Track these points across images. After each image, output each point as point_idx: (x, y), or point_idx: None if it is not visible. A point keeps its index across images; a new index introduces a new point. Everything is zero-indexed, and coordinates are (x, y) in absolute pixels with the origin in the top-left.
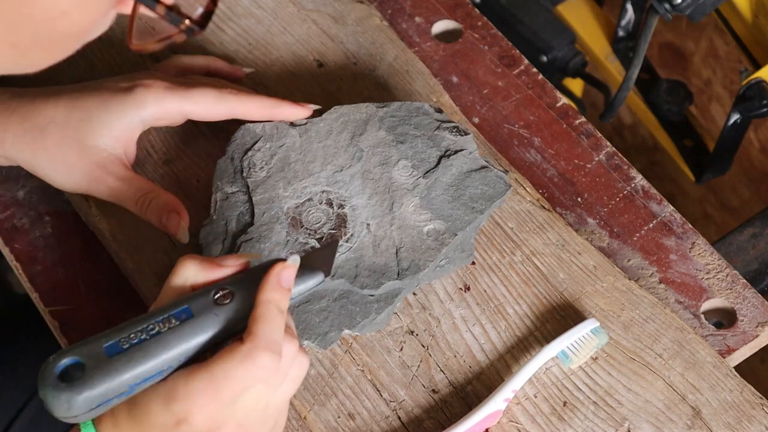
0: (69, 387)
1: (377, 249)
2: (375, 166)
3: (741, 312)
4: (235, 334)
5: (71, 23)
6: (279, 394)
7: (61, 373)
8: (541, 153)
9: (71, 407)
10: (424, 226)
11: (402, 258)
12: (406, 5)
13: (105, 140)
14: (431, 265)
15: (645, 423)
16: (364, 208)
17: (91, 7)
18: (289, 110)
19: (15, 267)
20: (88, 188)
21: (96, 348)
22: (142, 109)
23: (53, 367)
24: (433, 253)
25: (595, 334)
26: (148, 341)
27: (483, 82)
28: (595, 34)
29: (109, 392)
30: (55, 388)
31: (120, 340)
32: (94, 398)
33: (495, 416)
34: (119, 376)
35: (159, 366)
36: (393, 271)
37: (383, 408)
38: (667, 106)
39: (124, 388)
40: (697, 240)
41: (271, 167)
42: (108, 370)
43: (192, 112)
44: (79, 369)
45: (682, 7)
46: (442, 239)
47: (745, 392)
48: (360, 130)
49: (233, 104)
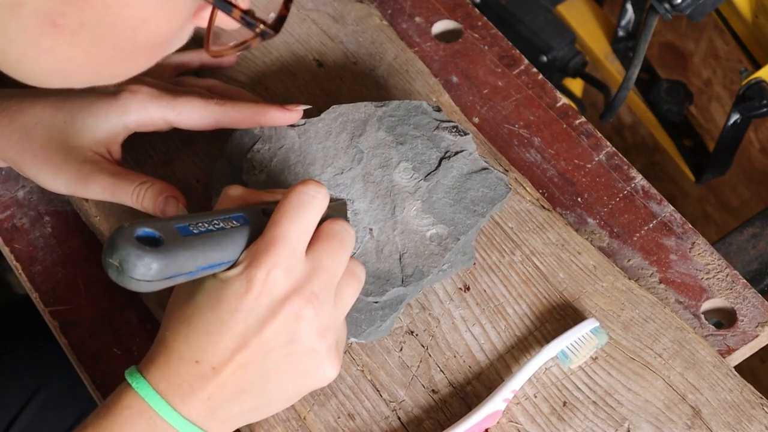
0: (153, 250)
1: (380, 255)
2: (375, 168)
3: (741, 312)
4: None
5: (152, 33)
6: (332, 251)
7: (138, 239)
8: (541, 153)
9: (151, 269)
10: (426, 230)
11: (406, 264)
12: (406, 5)
13: (89, 142)
14: (435, 270)
15: (645, 423)
16: (366, 212)
17: (170, 15)
18: (276, 116)
19: (15, 267)
20: (77, 189)
21: (169, 226)
22: (125, 115)
23: (131, 231)
24: (436, 258)
25: (594, 334)
26: (215, 232)
27: (483, 82)
28: (595, 34)
29: (183, 266)
30: (138, 248)
31: (189, 225)
32: (171, 267)
33: (495, 416)
34: (193, 254)
35: (224, 255)
36: (397, 277)
37: (383, 408)
38: (667, 106)
39: (193, 267)
40: (697, 240)
41: (270, 170)
42: (186, 246)
43: (176, 122)
44: (153, 240)
45: (682, 7)
46: (445, 244)
47: (745, 392)
48: (359, 130)
49: (218, 116)
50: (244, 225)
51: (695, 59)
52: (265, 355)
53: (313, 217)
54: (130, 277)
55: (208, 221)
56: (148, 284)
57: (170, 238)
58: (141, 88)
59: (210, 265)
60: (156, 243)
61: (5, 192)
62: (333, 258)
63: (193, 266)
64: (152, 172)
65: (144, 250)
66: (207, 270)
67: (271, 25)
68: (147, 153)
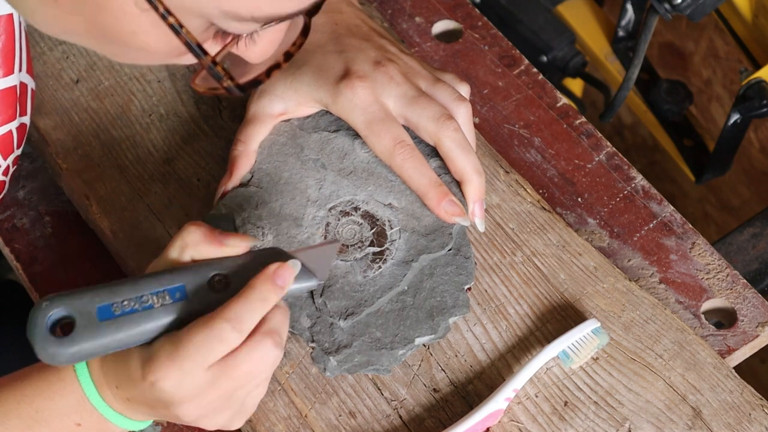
0: (58, 341)
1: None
2: (339, 160)
3: (741, 312)
4: None
5: (142, 44)
6: (240, 376)
7: (51, 324)
8: (542, 153)
9: (55, 358)
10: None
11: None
12: (406, 5)
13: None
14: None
15: (646, 423)
16: (371, 196)
17: (158, 38)
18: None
19: (15, 267)
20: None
21: (89, 307)
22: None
23: (44, 316)
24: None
25: (595, 334)
26: (139, 313)
27: (483, 82)
28: (595, 34)
29: (93, 352)
30: (44, 339)
31: (113, 305)
32: (78, 355)
33: (496, 415)
34: (106, 341)
35: (144, 338)
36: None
37: (384, 407)
38: (667, 106)
39: (108, 350)
40: (697, 240)
41: (270, 229)
42: (97, 334)
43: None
44: (69, 323)
45: (682, 7)
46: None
47: (745, 393)
48: (296, 148)
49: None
50: (176, 302)
51: (695, 59)
52: (162, 416)
53: (218, 353)
54: (39, 356)
55: (137, 297)
56: (61, 364)
57: (84, 324)
58: (357, 94)
59: (126, 345)
60: (71, 326)
61: (5, 192)
62: (234, 383)
63: (102, 351)
64: (153, 170)
65: (49, 342)
66: (123, 348)
67: (238, 83)
68: (148, 151)
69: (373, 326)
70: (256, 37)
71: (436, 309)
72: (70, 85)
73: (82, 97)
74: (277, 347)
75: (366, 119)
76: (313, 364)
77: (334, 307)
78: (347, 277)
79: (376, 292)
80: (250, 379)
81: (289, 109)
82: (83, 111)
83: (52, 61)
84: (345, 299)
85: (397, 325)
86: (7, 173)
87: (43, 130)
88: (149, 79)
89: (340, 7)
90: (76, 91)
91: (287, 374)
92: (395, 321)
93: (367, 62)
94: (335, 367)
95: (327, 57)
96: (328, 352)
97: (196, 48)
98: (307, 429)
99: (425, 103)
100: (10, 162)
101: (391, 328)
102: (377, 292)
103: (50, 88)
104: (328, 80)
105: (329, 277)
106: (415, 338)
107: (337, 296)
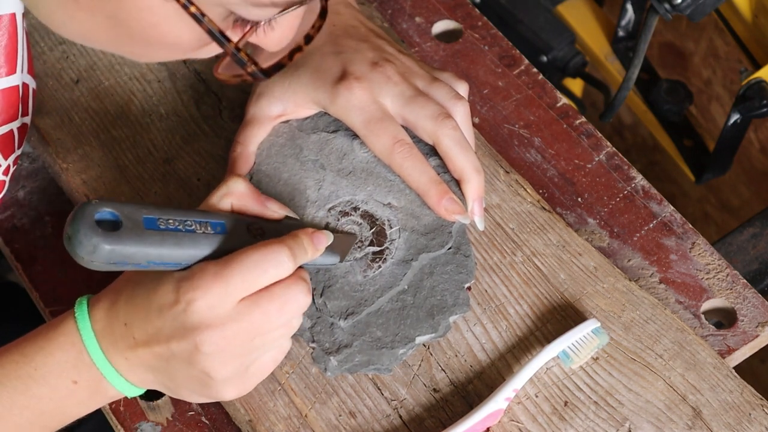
0: (103, 235)
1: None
2: (339, 161)
3: (741, 312)
4: None
5: (164, 36)
6: (270, 310)
7: (98, 219)
8: (542, 153)
9: (95, 252)
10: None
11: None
12: (406, 5)
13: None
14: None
15: (646, 423)
16: (371, 196)
17: (180, 28)
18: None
19: (15, 267)
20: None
21: (136, 214)
22: (328, 104)
23: (93, 210)
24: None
25: (595, 334)
26: (182, 233)
27: (483, 82)
28: (595, 34)
29: (132, 257)
30: (90, 229)
31: (159, 219)
32: (118, 255)
33: (496, 415)
34: (147, 249)
35: (181, 258)
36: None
37: (384, 407)
38: (667, 106)
39: (143, 260)
40: (697, 240)
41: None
42: (141, 239)
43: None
44: (114, 224)
45: (682, 7)
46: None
47: (745, 393)
48: (295, 149)
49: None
50: (217, 234)
51: (695, 59)
52: (168, 359)
53: (264, 279)
54: (75, 251)
55: (181, 220)
56: (92, 264)
57: (130, 227)
58: (354, 95)
59: (162, 263)
60: (115, 227)
61: (5, 192)
62: (263, 317)
63: (143, 260)
64: (153, 170)
65: (95, 232)
66: (159, 266)
67: (262, 68)
68: (148, 150)
69: (374, 326)
70: (274, 23)
71: (437, 308)
72: (70, 85)
73: (82, 97)
74: (308, 295)
75: (364, 119)
76: (313, 364)
77: (334, 307)
78: (347, 276)
79: (376, 291)
80: (276, 320)
81: (287, 110)
82: (83, 111)
83: (52, 61)
84: (345, 299)
85: (397, 324)
86: (8, 173)
87: (43, 130)
88: (149, 79)
89: (337, 8)
90: (76, 91)
91: (287, 374)
92: (395, 320)
93: (365, 63)
94: (336, 367)
95: (324, 58)
96: (329, 352)
97: (219, 35)
98: (307, 429)
99: (423, 102)
100: (10, 162)
101: (391, 327)
102: (377, 291)
103: (50, 88)
104: (325, 81)
105: (329, 278)
106: (415, 337)
107: (337, 296)
